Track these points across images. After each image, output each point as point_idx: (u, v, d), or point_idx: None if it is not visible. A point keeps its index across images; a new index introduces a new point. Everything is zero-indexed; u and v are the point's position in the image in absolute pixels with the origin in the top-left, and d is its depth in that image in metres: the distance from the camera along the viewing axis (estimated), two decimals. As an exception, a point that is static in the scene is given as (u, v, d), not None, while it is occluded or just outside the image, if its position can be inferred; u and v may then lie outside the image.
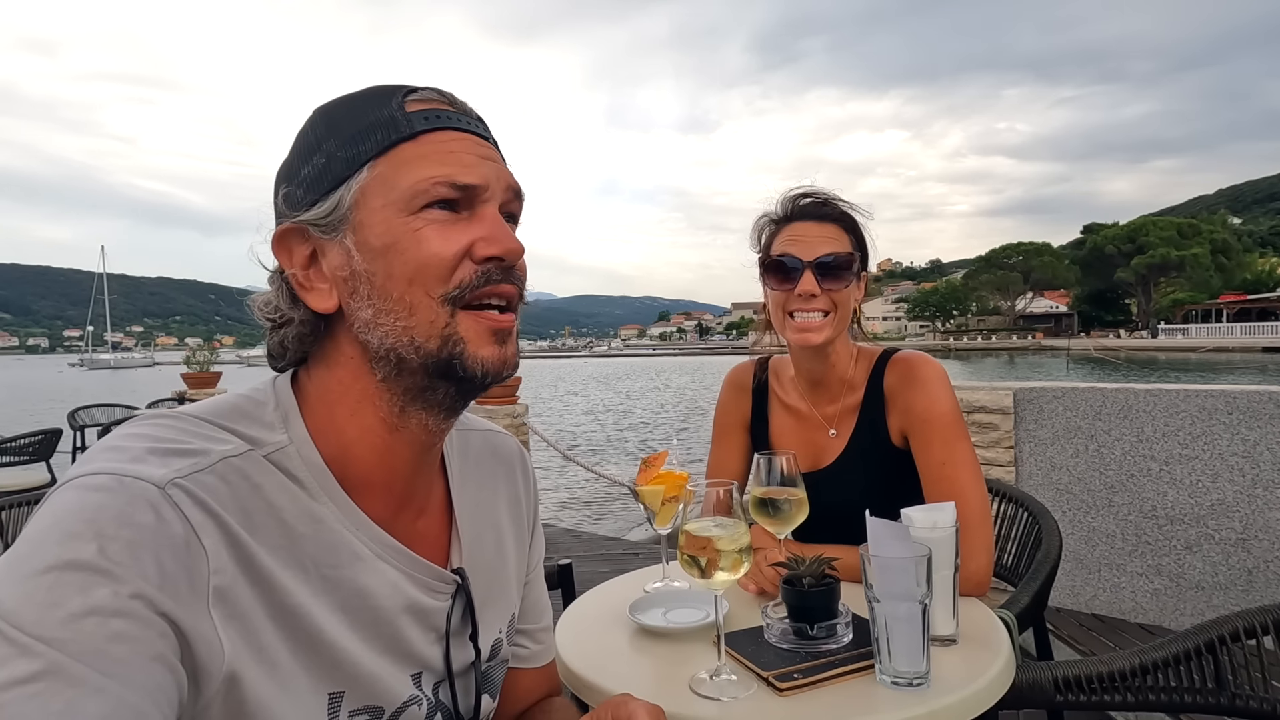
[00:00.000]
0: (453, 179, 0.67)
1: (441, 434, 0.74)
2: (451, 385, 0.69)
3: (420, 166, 0.67)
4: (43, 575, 0.50)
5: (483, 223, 0.69)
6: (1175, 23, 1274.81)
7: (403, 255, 0.66)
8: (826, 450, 1.56)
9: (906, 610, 0.98)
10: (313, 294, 0.69)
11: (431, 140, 0.68)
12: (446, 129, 0.69)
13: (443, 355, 0.67)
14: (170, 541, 0.54)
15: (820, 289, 1.46)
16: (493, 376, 0.69)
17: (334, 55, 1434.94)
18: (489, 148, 0.72)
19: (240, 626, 0.58)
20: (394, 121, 0.67)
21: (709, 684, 1.02)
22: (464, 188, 0.68)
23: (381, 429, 0.69)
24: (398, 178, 0.67)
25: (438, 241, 0.66)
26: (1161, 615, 3.18)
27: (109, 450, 0.59)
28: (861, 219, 1.54)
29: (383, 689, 0.69)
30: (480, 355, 0.68)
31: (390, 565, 0.70)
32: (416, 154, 0.67)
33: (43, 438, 5.20)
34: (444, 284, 0.66)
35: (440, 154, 0.68)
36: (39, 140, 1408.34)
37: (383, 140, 0.67)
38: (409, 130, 0.67)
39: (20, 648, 0.48)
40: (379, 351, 0.67)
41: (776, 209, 1.56)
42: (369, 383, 0.68)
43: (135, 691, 0.49)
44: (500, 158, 0.73)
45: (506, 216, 0.72)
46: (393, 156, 0.67)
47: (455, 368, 0.67)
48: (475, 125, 0.72)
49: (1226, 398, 3.06)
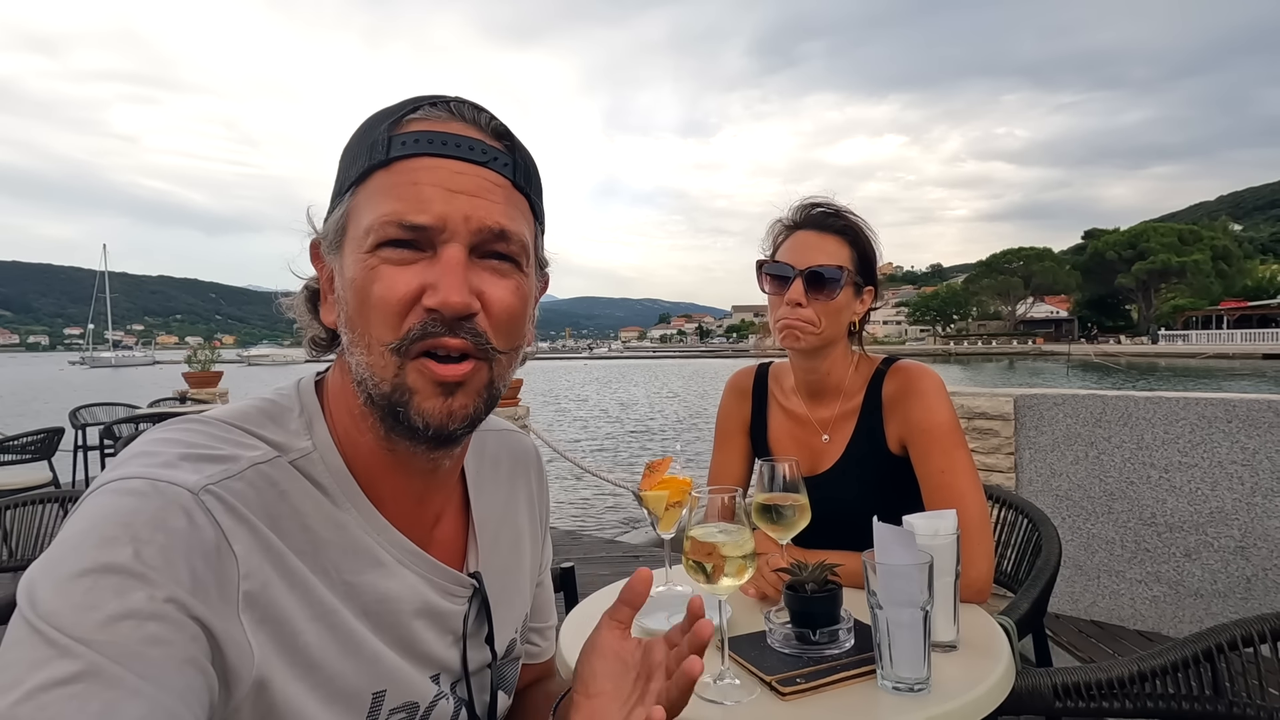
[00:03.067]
0: (401, 218, 0.63)
1: (438, 460, 0.72)
2: (408, 430, 0.66)
3: (380, 200, 0.64)
4: (80, 578, 0.51)
5: (436, 267, 0.64)
6: (1173, 30, 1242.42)
7: (361, 294, 0.64)
8: (823, 455, 1.58)
9: (908, 616, 0.99)
10: (324, 306, 0.71)
11: (403, 168, 0.64)
12: (424, 155, 0.64)
13: (392, 401, 0.65)
14: (202, 546, 0.55)
15: (806, 299, 1.50)
16: (436, 430, 0.65)
17: (335, 57, 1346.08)
18: (475, 174, 0.65)
19: (274, 630, 0.59)
20: (375, 145, 0.65)
21: (712, 688, 1.03)
22: (414, 228, 0.63)
23: (379, 446, 0.69)
24: (365, 209, 0.65)
25: (387, 284, 0.63)
26: (1160, 622, 3.19)
27: (142, 455, 0.60)
28: (868, 233, 1.57)
29: (414, 688, 0.70)
30: (424, 408, 0.64)
31: (410, 570, 0.71)
32: (385, 184, 0.65)
33: (44, 436, 5.20)
34: (393, 332, 0.63)
35: (404, 186, 0.64)
36: (41, 138, 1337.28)
37: (363, 165, 0.65)
38: (383, 156, 0.64)
39: (60, 649, 0.48)
40: (356, 377, 0.66)
41: (789, 215, 1.60)
42: (358, 401, 0.68)
43: (170, 694, 0.50)
44: (492, 188, 0.66)
45: (492, 255, 0.66)
46: (369, 184, 0.65)
47: (401, 415, 0.65)
48: (469, 148, 0.66)
49: (1226, 406, 3.07)
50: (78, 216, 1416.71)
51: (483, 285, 0.65)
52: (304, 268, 0.74)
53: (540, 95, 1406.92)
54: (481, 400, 0.68)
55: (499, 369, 0.68)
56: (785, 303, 1.51)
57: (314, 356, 0.74)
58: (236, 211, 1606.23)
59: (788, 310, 1.51)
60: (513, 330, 0.68)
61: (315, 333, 0.73)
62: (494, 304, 0.66)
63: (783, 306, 1.52)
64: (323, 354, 0.74)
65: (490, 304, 0.66)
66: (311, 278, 0.73)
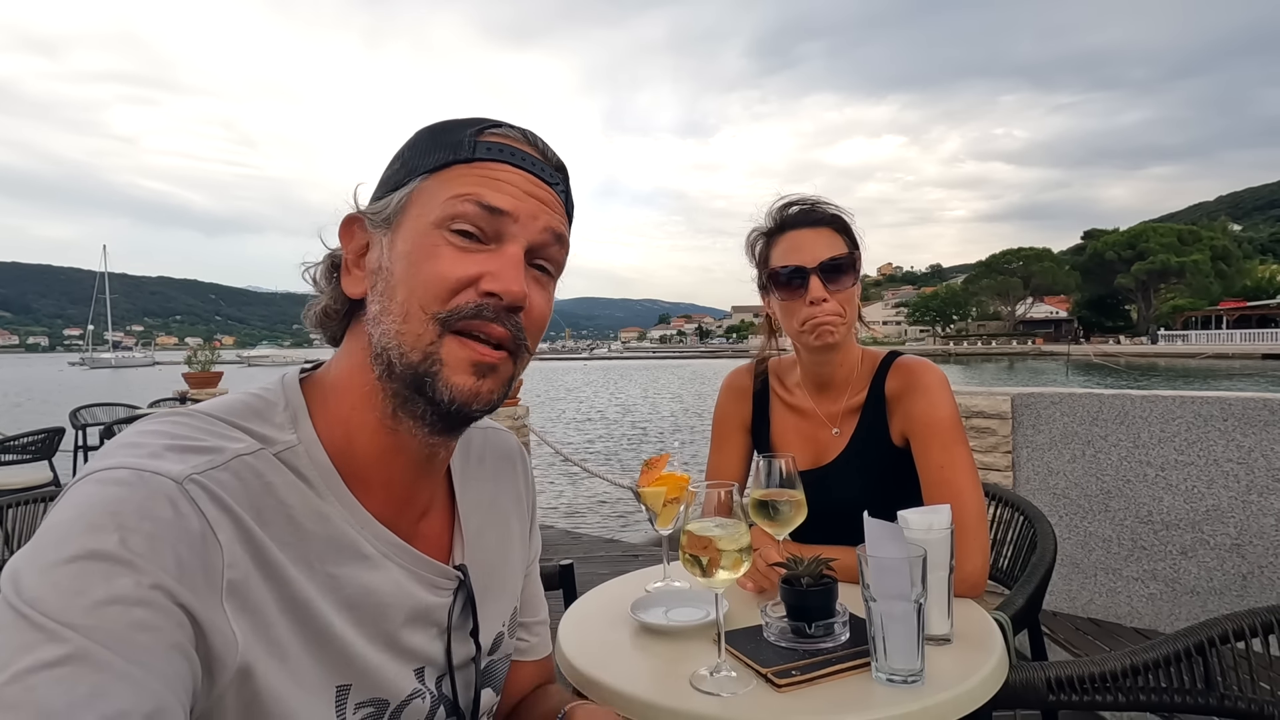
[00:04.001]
0: (480, 198, 0.69)
1: (436, 447, 0.74)
2: (427, 404, 0.69)
3: (459, 184, 0.70)
4: (67, 564, 0.51)
5: (498, 258, 0.69)
6: (1170, 30, 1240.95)
7: (415, 265, 0.68)
8: (829, 448, 1.59)
9: (902, 609, 1.01)
10: (350, 278, 0.74)
11: (484, 166, 0.71)
12: (505, 162, 0.71)
13: (419, 370, 0.67)
14: (187, 535, 0.56)
15: (828, 292, 1.49)
16: (460, 405, 0.68)
17: (334, 58, 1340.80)
18: (544, 189, 0.73)
19: (252, 619, 0.59)
20: (459, 145, 0.71)
21: (709, 680, 1.04)
22: (490, 209, 0.69)
23: (381, 429, 0.71)
24: (440, 191, 0.70)
25: (448, 262, 0.68)
26: (1157, 620, 3.20)
27: (127, 446, 0.60)
28: (848, 219, 1.57)
29: (387, 683, 0.71)
30: (453, 381, 0.68)
31: (394, 563, 0.72)
32: (464, 174, 0.70)
33: (45, 436, 5.22)
34: (440, 304, 0.68)
35: (483, 178, 0.70)
36: (40, 139, 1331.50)
37: (442, 158, 0.71)
38: (468, 154, 0.71)
39: (48, 633, 0.49)
40: (376, 348, 0.69)
41: (766, 221, 1.59)
42: (369, 378, 0.70)
43: (157, 678, 0.51)
44: (555, 204, 0.74)
45: (539, 266, 0.74)
46: (446, 173, 0.71)
47: (427, 386, 0.68)
48: (540, 168, 0.73)
49: (1222, 404, 3.08)
50: (77, 217, 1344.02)
51: (529, 288, 0.72)
52: (328, 241, 0.78)
53: (540, 96, 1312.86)
54: (503, 390, 0.72)
55: (519, 367, 0.74)
56: (808, 302, 1.49)
57: (313, 333, 0.77)
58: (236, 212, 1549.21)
59: (813, 309, 1.49)
60: (539, 334, 0.74)
61: (328, 302, 0.75)
62: (534, 307, 0.72)
63: (804, 307, 1.50)
64: (329, 326, 0.75)
65: (531, 307, 0.72)
66: (335, 249, 0.76)
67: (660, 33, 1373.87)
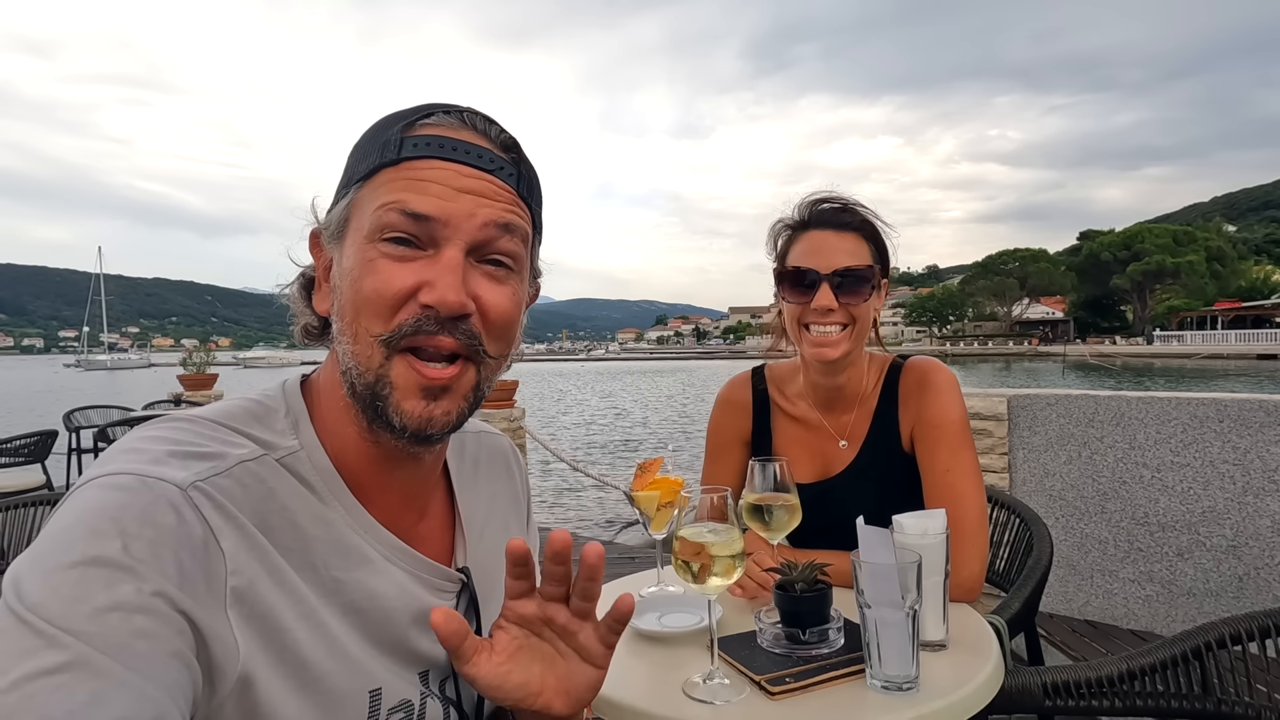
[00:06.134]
0: (404, 205, 0.64)
1: (421, 454, 0.72)
2: (385, 426, 0.66)
3: (385, 191, 0.66)
4: (68, 570, 0.51)
5: (434, 266, 0.65)
6: (1163, 32, 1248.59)
7: (356, 283, 0.65)
8: (836, 459, 1.54)
9: (896, 616, 1.00)
10: (318, 294, 0.73)
11: (411, 167, 0.66)
12: (434, 157, 0.66)
13: (374, 392, 0.65)
14: (190, 542, 0.56)
15: (838, 303, 1.41)
16: (413, 432, 0.66)
17: (328, 59, 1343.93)
18: (482, 178, 0.67)
19: (260, 627, 0.59)
20: (387, 145, 0.67)
21: (702, 687, 1.03)
22: (416, 217, 0.64)
23: (363, 439, 0.70)
24: (370, 200, 0.66)
25: (384, 277, 0.64)
26: (1153, 621, 3.20)
27: (130, 452, 0.60)
28: (882, 226, 1.49)
29: (402, 686, 0.71)
30: (403, 407, 0.65)
31: (397, 567, 0.72)
32: (391, 179, 0.66)
33: (38, 439, 5.19)
34: (383, 324, 0.64)
35: (410, 181, 0.65)
36: (35, 141, 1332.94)
37: (372, 163, 0.67)
38: (394, 155, 0.66)
39: (47, 639, 0.48)
40: (342, 366, 0.68)
41: (794, 214, 1.50)
42: (344, 392, 0.69)
43: (156, 686, 0.50)
44: (498, 192, 0.68)
45: (492, 261, 0.68)
46: (375, 179, 0.67)
47: (380, 409, 0.66)
48: (477, 155, 0.67)
49: (1218, 406, 3.08)
50: (72, 219, 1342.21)
51: (479, 289, 0.67)
52: (301, 257, 0.76)
53: (535, 97, 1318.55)
54: (466, 404, 0.69)
55: (487, 372, 0.70)
56: (813, 309, 1.42)
57: (305, 345, 0.76)
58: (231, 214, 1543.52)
59: (816, 316, 1.42)
60: (506, 335, 0.70)
61: (308, 320, 0.74)
62: (490, 308, 0.68)
63: (809, 313, 1.43)
64: (314, 342, 0.75)
65: (486, 308, 0.67)
66: (308, 266, 0.75)
67: (655, 34, 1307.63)
